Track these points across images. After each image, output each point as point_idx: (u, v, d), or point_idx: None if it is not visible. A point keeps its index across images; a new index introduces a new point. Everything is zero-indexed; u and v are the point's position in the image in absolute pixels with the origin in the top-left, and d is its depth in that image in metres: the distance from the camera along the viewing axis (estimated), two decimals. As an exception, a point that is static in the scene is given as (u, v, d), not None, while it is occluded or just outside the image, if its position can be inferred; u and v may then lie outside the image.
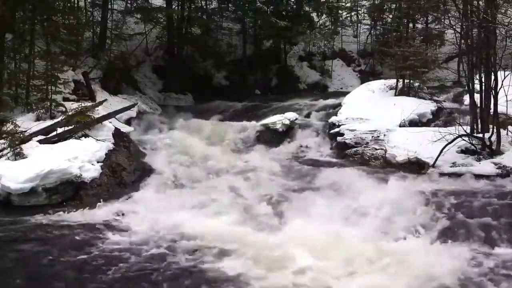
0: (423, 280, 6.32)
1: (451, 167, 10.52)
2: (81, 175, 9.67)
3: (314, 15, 24.04)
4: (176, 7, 21.12)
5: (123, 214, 8.81)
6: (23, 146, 10.12)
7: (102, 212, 8.90)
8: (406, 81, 14.85)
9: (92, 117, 11.38)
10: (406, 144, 11.52)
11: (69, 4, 18.30)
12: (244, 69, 21.87)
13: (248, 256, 7.02)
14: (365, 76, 21.93)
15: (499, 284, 6.31)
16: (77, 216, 8.71)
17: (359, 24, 25.22)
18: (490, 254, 7.19)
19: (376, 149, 11.91)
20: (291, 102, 17.32)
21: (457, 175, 10.15)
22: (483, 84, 11.26)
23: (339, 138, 12.73)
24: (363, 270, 6.62)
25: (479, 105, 11.43)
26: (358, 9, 25.17)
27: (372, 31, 24.39)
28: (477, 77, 11.44)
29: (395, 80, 15.15)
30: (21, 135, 10.49)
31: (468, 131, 11.10)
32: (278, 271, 6.60)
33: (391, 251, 7.07)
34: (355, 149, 12.19)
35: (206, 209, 9.00)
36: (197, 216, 8.57)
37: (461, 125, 11.07)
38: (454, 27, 13.24)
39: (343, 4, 25.21)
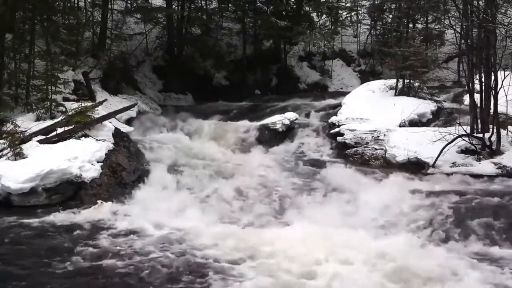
0: (421, 280, 6.31)
1: (451, 167, 10.53)
2: (81, 175, 9.68)
3: (314, 15, 24.03)
4: (176, 7, 21.12)
5: (123, 215, 8.80)
6: (23, 146, 10.12)
7: (102, 212, 8.89)
8: (406, 81, 14.86)
9: (92, 117, 11.38)
10: (406, 144, 11.52)
11: (69, 4, 18.35)
12: (244, 69, 21.87)
13: (248, 257, 7.01)
14: (365, 76, 21.92)
15: (499, 284, 6.30)
16: (77, 216, 8.71)
17: (359, 24, 25.21)
18: (490, 254, 7.18)
19: (376, 149, 11.92)
20: (291, 102, 17.31)
21: (457, 175, 10.15)
22: (483, 84, 11.26)
23: (339, 138, 12.73)
24: (362, 270, 6.60)
25: (479, 105, 11.43)
26: (358, 9, 25.14)
27: (372, 31, 24.37)
28: (477, 77, 11.44)
29: (395, 80, 15.15)
30: (21, 135, 10.49)
31: (468, 131, 11.10)
32: (278, 271, 6.59)
33: (390, 251, 7.05)
34: (355, 149, 12.20)
35: (206, 209, 9.00)
36: (197, 217, 8.57)
37: (461, 125, 11.08)
38: (454, 27, 13.27)
39: (343, 4, 25.20)
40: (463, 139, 10.88)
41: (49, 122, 11.45)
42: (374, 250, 7.08)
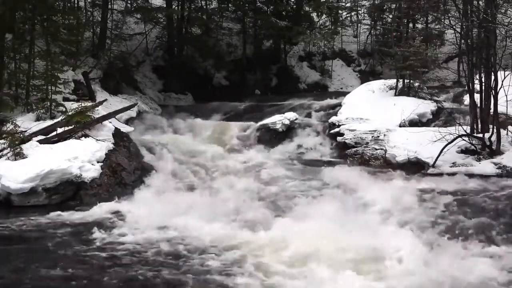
0: (421, 280, 6.31)
1: (451, 167, 10.53)
2: (81, 175, 9.68)
3: (314, 15, 24.04)
4: (176, 7, 21.13)
5: (123, 215, 8.80)
6: (23, 146, 10.12)
7: (101, 212, 8.88)
8: (406, 81, 14.86)
9: (92, 117, 11.38)
10: (406, 144, 11.52)
11: (69, 4, 18.36)
12: (244, 69, 21.88)
13: (247, 258, 7.01)
14: (365, 76, 21.94)
15: (499, 284, 6.30)
16: (77, 216, 8.70)
17: (359, 24, 25.23)
18: (489, 254, 7.17)
19: (376, 149, 11.92)
20: (291, 102, 17.30)
21: (457, 175, 10.15)
22: (483, 84, 11.27)
23: (339, 138, 12.74)
24: (361, 270, 6.60)
25: (479, 105, 11.43)
26: (358, 9, 25.17)
27: (372, 31, 24.39)
28: (477, 77, 11.45)
29: (395, 80, 15.16)
30: (21, 135, 10.49)
31: (468, 131, 11.11)
32: (277, 273, 6.59)
33: (390, 251, 7.05)
34: (355, 149, 12.21)
35: (205, 209, 8.98)
36: (197, 217, 8.55)
37: (461, 125, 11.08)
38: (454, 27, 13.26)
39: (343, 4, 25.22)
40: (463, 139, 10.88)
41: (49, 122, 11.45)
42: (374, 250, 7.08)
